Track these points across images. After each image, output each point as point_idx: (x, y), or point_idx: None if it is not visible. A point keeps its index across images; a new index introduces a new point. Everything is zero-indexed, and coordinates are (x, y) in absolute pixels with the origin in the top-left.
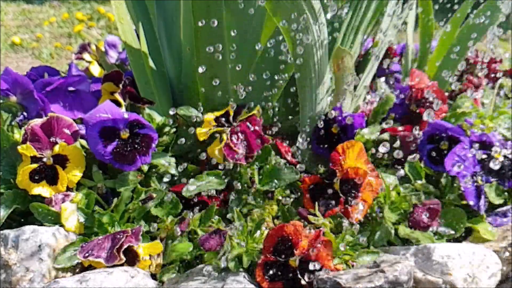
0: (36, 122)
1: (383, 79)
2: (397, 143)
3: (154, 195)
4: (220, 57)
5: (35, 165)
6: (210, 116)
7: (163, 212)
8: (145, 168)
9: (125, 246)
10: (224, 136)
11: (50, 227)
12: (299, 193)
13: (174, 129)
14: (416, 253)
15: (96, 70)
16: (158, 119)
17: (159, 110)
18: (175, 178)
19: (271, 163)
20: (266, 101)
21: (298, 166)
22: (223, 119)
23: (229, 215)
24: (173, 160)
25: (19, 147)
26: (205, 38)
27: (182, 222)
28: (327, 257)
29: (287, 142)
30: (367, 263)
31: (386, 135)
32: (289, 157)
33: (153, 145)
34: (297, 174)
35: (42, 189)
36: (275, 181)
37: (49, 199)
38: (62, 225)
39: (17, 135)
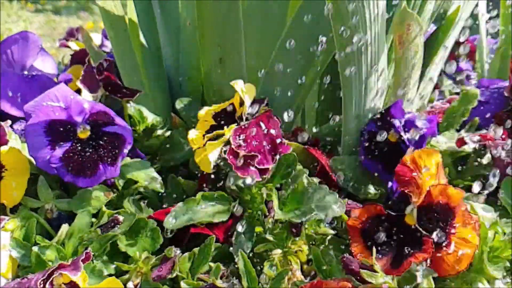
0: None
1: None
2: (488, 157)
3: (121, 218)
4: (232, 33)
5: None
6: (207, 112)
7: (136, 247)
8: (120, 183)
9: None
10: (230, 139)
11: None
12: (341, 226)
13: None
14: None
15: None
16: (150, 118)
17: (151, 105)
18: (163, 198)
19: (301, 181)
20: (293, 96)
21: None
22: (224, 116)
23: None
24: (155, 174)
25: None
26: (212, 7)
27: (163, 264)
28: None
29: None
30: None
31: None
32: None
33: (125, 151)
34: (343, 208)
35: None
36: (305, 208)
37: None
38: None
39: None
